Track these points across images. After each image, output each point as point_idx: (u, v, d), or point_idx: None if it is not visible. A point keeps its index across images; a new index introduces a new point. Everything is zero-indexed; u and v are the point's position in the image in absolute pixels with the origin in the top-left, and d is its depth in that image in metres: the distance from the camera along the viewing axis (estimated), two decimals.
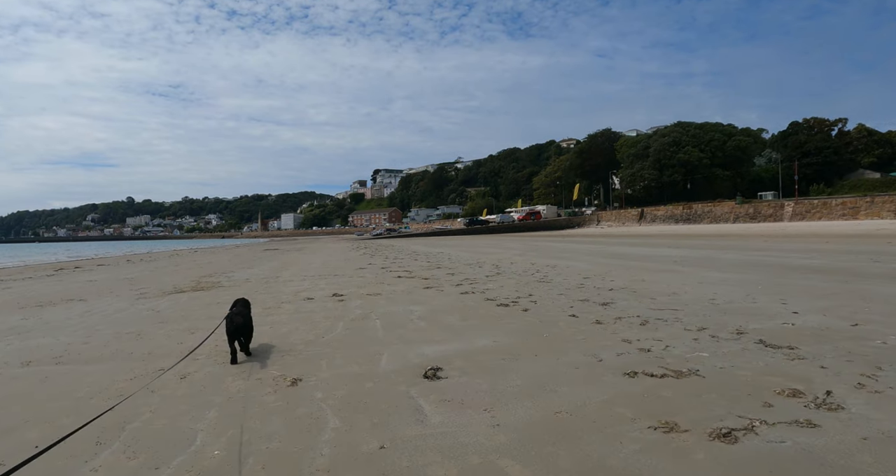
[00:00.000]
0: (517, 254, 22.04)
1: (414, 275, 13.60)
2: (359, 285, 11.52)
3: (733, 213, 64.73)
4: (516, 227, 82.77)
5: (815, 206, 56.36)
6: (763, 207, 62.20)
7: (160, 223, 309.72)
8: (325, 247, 45.33)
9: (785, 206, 59.49)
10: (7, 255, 60.79)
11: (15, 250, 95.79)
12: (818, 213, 55.66)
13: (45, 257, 48.99)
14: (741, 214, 63.38)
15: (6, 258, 51.38)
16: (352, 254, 27.84)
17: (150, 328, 7.26)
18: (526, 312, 7.36)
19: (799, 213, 57.33)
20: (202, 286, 13.21)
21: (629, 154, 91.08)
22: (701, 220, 67.70)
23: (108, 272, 21.06)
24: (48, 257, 48.63)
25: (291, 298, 9.71)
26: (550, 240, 41.06)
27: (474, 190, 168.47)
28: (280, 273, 16.28)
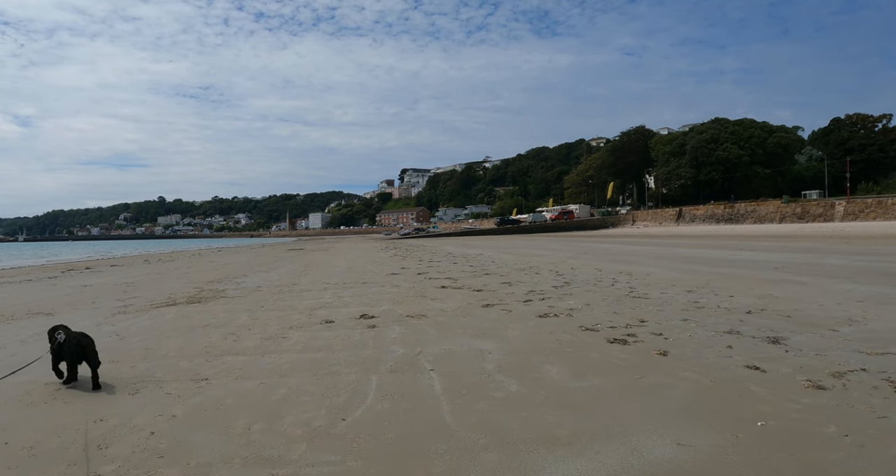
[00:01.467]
0: (569, 256, 19.27)
1: (461, 284, 10.94)
2: (394, 299, 8.90)
3: (779, 213, 61.02)
4: (549, 226, 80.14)
5: (869, 206, 52.49)
6: (811, 207, 58.40)
7: (190, 222, 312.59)
8: (352, 247, 42.99)
9: (836, 205, 55.78)
10: (31, 254, 59.94)
11: (44, 249, 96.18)
12: (872, 212, 51.82)
13: (67, 256, 47.64)
14: (788, 214, 59.69)
15: (30, 257, 50.30)
16: (380, 255, 25.34)
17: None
18: (664, 357, 4.68)
19: (852, 213, 53.55)
20: (202, 296, 10.80)
21: (664, 152, 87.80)
22: (744, 220, 64.23)
23: (114, 275, 18.91)
24: (70, 256, 47.23)
25: (305, 320, 7.13)
26: (593, 240, 38.10)
27: (503, 189, 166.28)
28: (299, 279, 13.81)
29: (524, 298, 8.53)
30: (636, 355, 4.77)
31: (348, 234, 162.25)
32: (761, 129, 79.87)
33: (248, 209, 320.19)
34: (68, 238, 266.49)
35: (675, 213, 73.97)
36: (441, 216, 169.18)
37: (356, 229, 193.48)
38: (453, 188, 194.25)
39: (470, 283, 10.90)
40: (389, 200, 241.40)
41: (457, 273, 13.57)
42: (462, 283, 10.97)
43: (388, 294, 9.64)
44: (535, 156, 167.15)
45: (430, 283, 11.16)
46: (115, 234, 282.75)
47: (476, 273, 13.38)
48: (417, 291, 9.85)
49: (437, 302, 8.40)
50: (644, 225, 76.41)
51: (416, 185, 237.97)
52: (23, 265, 32.57)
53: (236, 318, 7.68)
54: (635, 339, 5.39)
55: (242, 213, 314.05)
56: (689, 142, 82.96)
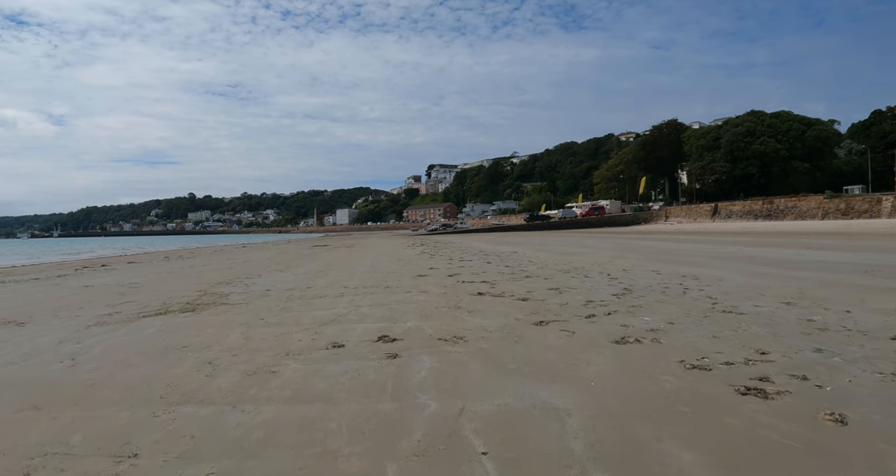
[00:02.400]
0: (613, 255, 17.47)
1: (500, 290, 9.26)
2: (422, 311, 7.26)
3: (821, 209, 58.37)
4: (579, 222, 78.30)
5: None
6: (856, 202, 55.71)
7: (220, 218, 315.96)
8: (378, 243, 41.56)
9: (882, 200, 53.14)
10: (60, 250, 59.91)
11: (75, 244, 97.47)
12: None
13: (92, 253, 47.21)
14: (831, 210, 57.07)
15: (55, 253, 50.01)
16: (407, 253, 23.78)
17: None
18: (843, 427, 2.97)
19: None
20: (201, 302, 9.34)
21: (698, 145, 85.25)
22: (784, 217, 61.64)
23: (124, 274, 17.70)
24: (96, 253, 46.79)
25: (307, 343, 5.52)
26: (630, 237, 36.06)
27: (530, 185, 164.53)
28: (315, 280, 12.30)
29: (584, 312, 6.84)
30: (796, 422, 3.05)
31: (375, 230, 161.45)
32: (799, 122, 77.03)
33: (277, 205, 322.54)
34: (101, 234, 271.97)
35: (711, 209, 71.48)
36: (468, 212, 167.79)
37: (383, 225, 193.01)
38: (480, 184, 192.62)
39: (511, 290, 9.23)
40: (416, 196, 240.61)
41: (493, 275, 11.90)
42: (502, 289, 9.30)
43: (414, 303, 8.01)
44: (563, 151, 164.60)
45: (464, 289, 9.52)
46: (147, 230, 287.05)
47: (515, 275, 11.70)
48: (450, 300, 8.21)
49: (475, 316, 6.73)
50: (677, 221, 74.09)
51: (443, 180, 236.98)
52: (42, 262, 31.83)
53: (226, 336, 6.15)
54: (774, 386, 3.67)
55: (271, 209, 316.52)
56: (724, 135, 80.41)
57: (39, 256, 42.01)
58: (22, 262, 33.70)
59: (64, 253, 48.86)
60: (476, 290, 9.17)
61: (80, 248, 63.70)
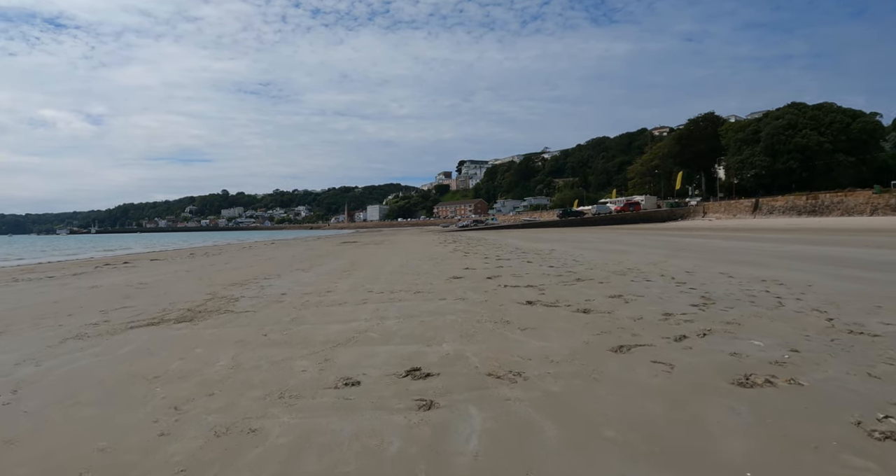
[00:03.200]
0: (664, 254, 15.82)
1: (552, 297, 7.76)
2: (462, 328, 5.80)
3: (870, 205, 55.32)
4: (614, 218, 76.08)
5: None
6: None
7: (252, 214, 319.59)
8: (408, 240, 40.27)
9: None
10: (92, 246, 60.23)
11: (108, 240, 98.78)
12: None
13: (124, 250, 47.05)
14: (880, 205, 54.03)
15: (86, 249, 50.00)
16: (439, 250, 22.39)
17: None
18: None
19: None
20: (204, 308, 8.10)
21: (736, 139, 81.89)
22: (829, 212, 58.76)
23: (139, 272, 16.74)
24: (127, 250, 46.58)
25: (310, 378, 4.11)
26: (672, 234, 34.08)
27: (562, 180, 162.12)
28: (337, 282, 10.97)
29: (669, 331, 5.32)
30: None
31: (406, 227, 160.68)
32: (843, 115, 73.48)
33: (308, 202, 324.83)
34: (137, 230, 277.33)
35: (751, 205, 68.63)
36: (499, 208, 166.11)
37: (414, 221, 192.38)
38: (511, 180, 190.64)
39: (565, 297, 7.74)
40: (447, 192, 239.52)
41: (538, 277, 10.42)
42: (554, 296, 7.81)
43: (451, 315, 6.59)
44: (596, 146, 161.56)
45: (509, 295, 8.06)
46: (181, 227, 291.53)
47: (564, 278, 10.20)
48: (494, 311, 6.77)
49: (530, 336, 5.27)
50: (716, 217, 71.38)
51: (474, 176, 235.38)
52: (69, 259, 31.35)
53: (213, 360, 4.83)
54: None
55: (302, 206, 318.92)
56: (764, 128, 77.06)
57: (72, 252, 41.82)
58: (52, 258, 33.33)
59: (96, 249, 48.79)
60: (523, 298, 7.69)
61: (113, 245, 64.14)
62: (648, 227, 59.30)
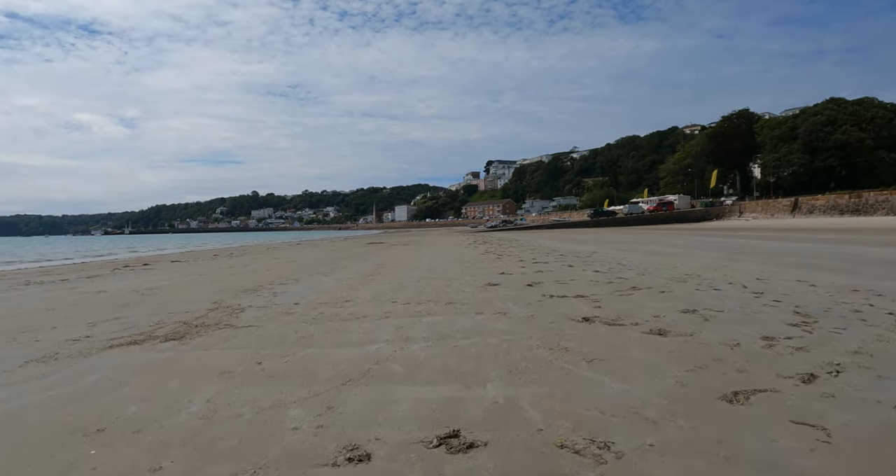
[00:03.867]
0: (719, 257, 14.36)
1: (612, 312, 6.41)
2: (510, 360, 4.46)
3: None
4: (647, 218, 73.84)
5: None
6: None
7: (282, 215, 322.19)
8: (437, 241, 39.09)
9: None
10: (120, 247, 60.34)
11: (139, 241, 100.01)
12: None
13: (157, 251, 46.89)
14: None
15: (116, 250, 49.95)
16: (469, 252, 21.14)
17: None
18: None
19: None
20: (202, 322, 7.00)
21: (772, 136, 79.22)
22: (873, 212, 55.93)
23: (153, 276, 15.88)
24: (148, 251, 46.38)
25: (300, 446, 2.85)
26: (714, 234, 32.25)
27: (591, 180, 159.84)
28: (358, 289, 9.80)
29: (787, 367, 3.97)
30: None
31: (433, 227, 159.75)
32: (885, 110, 70.82)
33: (337, 202, 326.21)
34: (169, 231, 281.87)
35: (790, 204, 65.80)
36: (527, 208, 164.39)
37: (441, 222, 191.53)
38: (540, 179, 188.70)
39: (627, 311, 6.42)
40: (475, 192, 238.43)
41: (586, 285, 9.09)
42: (613, 311, 6.49)
43: (492, 337, 5.32)
44: (625, 145, 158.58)
45: (558, 309, 6.76)
46: (212, 227, 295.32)
47: (616, 286, 8.85)
48: (546, 331, 5.48)
49: (603, 372, 3.96)
50: (753, 217, 68.72)
51: (502, 176, 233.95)
52: (89, 261, 30.92)
53: (181, 406, 3.65)
54: None
55: (331, 207, 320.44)
56: (802, 125, 74.36)
57: (100, 254, 41.63)
58: (77, 259, 33.00)
59: (125, 250, 48.66)
60: (577, 313, 6.39)
61: (146, 245, 64.45)
62: (683, 227, 57.32)
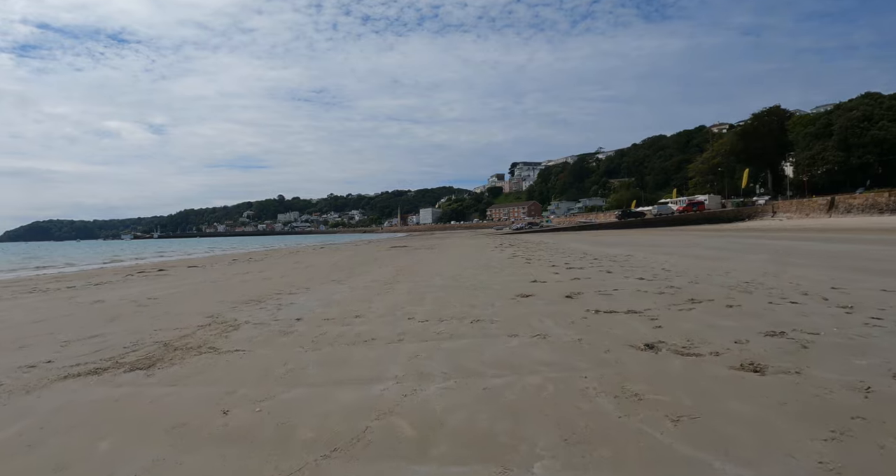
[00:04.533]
0: (768, 260, 12.94)
1: (678, 335, 5.13)
2: (562, 417, 3.25)
3: None
4: (677, 219, 71.57)
5: None
6: None
7: (307, 219, 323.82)
8: (462, 244, 37.91)
9: None
10: (146, 251, 60.27)
11: (166, 245, 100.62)
12: None
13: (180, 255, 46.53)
14: None
15: (140, 254, 49.71)
16: (496, 256, 19.92)
17: None
18: None
19: None
20: (185, 344, 5.98)
21: (805, 134, 76.27)
22: None
23: (161, 283, 15.00)
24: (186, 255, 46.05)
25: None
26: (751, 235, 30.52)
27: (618, 181, 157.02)
28: (372, 301, 8.67)
29: None
30: None
31: (458, 229, 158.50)
32: None
33: (362, 205, 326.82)
34: (197, 235, 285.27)
35: (826, 203, 63.04)
36: (553, 210, 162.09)
37: (466, 224, 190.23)
38: (565, 181, 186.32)
39: (697, 334, 5.15)
40: (500, 195, 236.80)
41: (633, 295, 7.83)
42: (679, 333, 5.22)
43: (532, 375, 4.10)
44: (652, 145, 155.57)
45: (610, 330, 5.52)
46: (239, 231, 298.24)
47: (669, 297, 7.56)
48: (601, 365, 4.25)
49: (701, 444, 2.73)
50: (787, 217, 66.07)
51: (527, 178, 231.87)
52: (109, 266, 30.41)
53: None
54: None
55: (356, 210, 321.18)
56: (836, 121, 71.52)
57: (125, 258, 41.35)
58: (95, 264, 32.58)
59: (154, 253, 48.40)
60: (635, 336, 5.15)
61: (171, 249, 64.40)
62: (716, 227, 55.43)
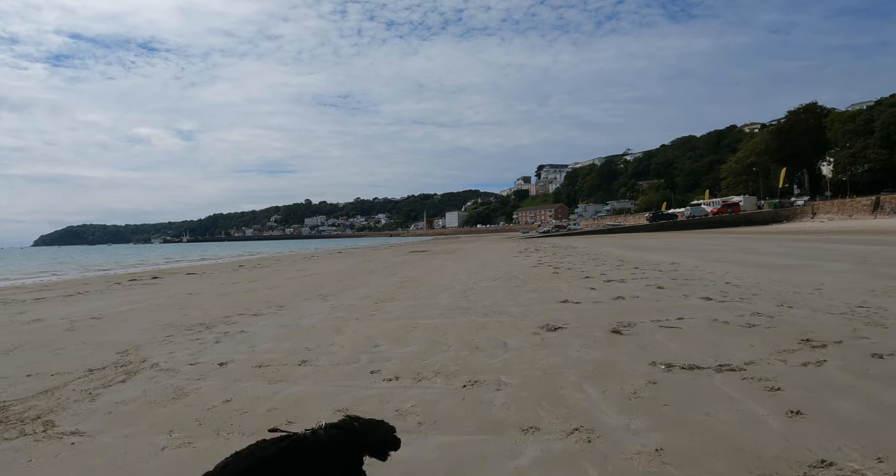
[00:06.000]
0: (873, 276, 10.34)
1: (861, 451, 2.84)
2: None
3: None
4: (711, 221, 68.13)
5: None
6: None
7: (334, 222, 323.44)
8: (485, 248, 35.56)
9: None
10: (170, 255, 59.09)
11: (192, 249, 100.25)
12: None
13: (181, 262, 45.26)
14: None
15: (163, 259, 48.41)
16: (519, 262, 17.61)
17: None
18: None
19: None
20: (18, 414, 3.73)
21: (844, 131, 72.85)
22: None
23: (135, 295, 13.18)
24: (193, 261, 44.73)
25: None
26: (801, 239, 27.50)
27: (647, 183, 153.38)
28: (341, 332, 6.46)
29: None
30: None
31: (484, 233, 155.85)
32: None
33: (388, 209, 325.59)
34: (225, 238, 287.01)
35: (870, 203, 59.12)
36: (580, 213, 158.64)
37: (493, 228, 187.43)
38: (592, 183, 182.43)
39: (872, 437, 2.80)
40: (526, 198, 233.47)
41: (709, 328, 5.46)
42: (851, 435, 2.87)
43: None
44: (681, 146, 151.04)
45: (704, 412, 3.17)
46: (266, 235, 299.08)
47: (771, 334, 5.15)
48: None
49: None
50: (828, 218, 62.26)
51: (553, 181, 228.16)
52: (112, 273, 28.80)
53: None
54: None
55: (382, 213, 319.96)
56: (878, 117, 68.33)
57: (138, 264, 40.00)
58: (107, 271, 31.10)
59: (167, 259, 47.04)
60: (763, 438, 2.81)
61: (194, 253, 63.38)
62: (754, 230, 52.31)
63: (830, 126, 77.65)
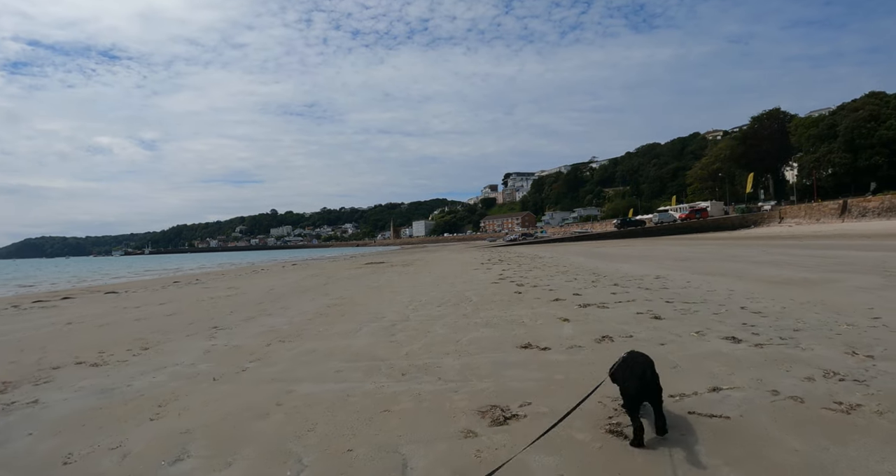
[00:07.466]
0: (871, 282, 8.31)
1: None
2: None
3: None
4: (679, 227, 67.72)
5: None
6: None
7: (300, 233, 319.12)
8: (447, 258, 33.19)
9: None
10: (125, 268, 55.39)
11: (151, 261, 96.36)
12: None
13: (127, 277, 42.08)
14: None
15: (111, 273, 44.86)
16: (478, 276, 15.31)
17: None
18: None
19: None
20: None
21: (809, 135, 73.68)
22: None
23: (48, 318, 10.28)
24: (140, 275, 41.57)
25: None
26: (769, 245, 25.81)
27: (612, 190, 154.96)
28: (197, 389, 3.96)
29: None
30: None
31: (451, 242, 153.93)
32: None
33: (355, 219, 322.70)
34: (189, 250, 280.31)
35: (838, 207, 58.75)
36: (547, 220, 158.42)
37: (460, 236, 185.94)
38: (559, 191, 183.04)
39: None
40: (493, 206, 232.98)
41: (776, 418, 3.16)
42: None
43: None
44: (646, 153, 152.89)
45: None
46: (231, 246, 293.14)
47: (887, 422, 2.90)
48: None
49: None
50: (796, 222, 61.84)
51: (520, 189, 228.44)
52: (46, 289, 25.57)
53: None
54: None
55: (349, 223, 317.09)
56: (842, 122, 68.94)
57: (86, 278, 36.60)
58: (45, 287, 27.78)
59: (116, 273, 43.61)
60: None
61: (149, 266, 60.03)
62: (724, 235, 51.41)
63: (794, 131, 78.35)
